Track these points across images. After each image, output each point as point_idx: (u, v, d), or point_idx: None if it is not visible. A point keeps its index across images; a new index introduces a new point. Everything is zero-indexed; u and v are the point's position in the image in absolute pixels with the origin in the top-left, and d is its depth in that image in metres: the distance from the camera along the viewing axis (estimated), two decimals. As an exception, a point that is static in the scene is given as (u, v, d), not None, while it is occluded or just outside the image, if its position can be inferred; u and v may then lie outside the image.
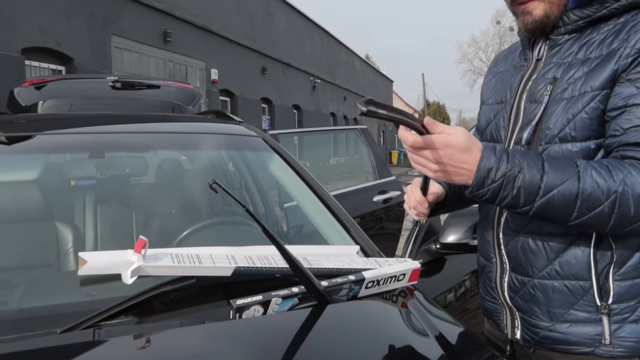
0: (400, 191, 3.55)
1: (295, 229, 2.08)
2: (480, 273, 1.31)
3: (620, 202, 0.92)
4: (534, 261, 1.10)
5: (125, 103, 2.31)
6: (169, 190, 1.99)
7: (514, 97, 1.16)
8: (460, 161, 0.98)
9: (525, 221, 1.10)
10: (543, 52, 1.13)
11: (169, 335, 0.96)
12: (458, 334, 1.12)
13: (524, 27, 1.12)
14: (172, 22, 11.11)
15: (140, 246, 0.99)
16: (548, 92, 1.07)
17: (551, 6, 1.07)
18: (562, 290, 1.07)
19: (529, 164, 0.96)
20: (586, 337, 1.06)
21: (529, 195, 0.96)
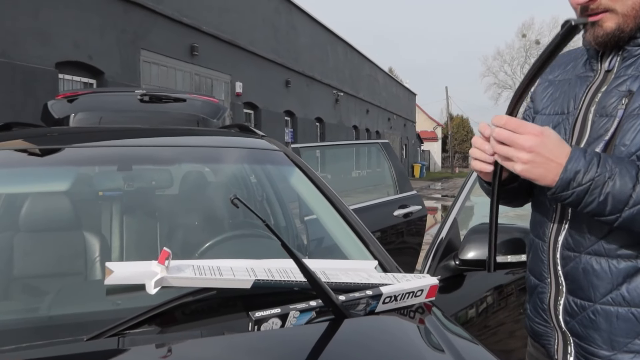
0: (421, 205, 3.54)
1: (315, 242, 2.10)
2: (529, 293, 1.24)
3: None
4: (597, 285, 1.03)
5: (152, 116, 2.39)
6: (193, 203, 2.04)
7: (578, 108, 1.09)
8: (553, 153, 0.94)
9: (590, 241, 1.04)
10: (615, 63, 1.06)
11: (190, 345, 0.99)
12: (476, 353, 1.11)
13: (594, 40, 1.04)
14: (199, 36, 11.35)
15: (163, 258, 1.03)
16: (623, 106, 1.00)
17: (625, 19, 1.01)
18: (629, 318, 1.01)
19: (621, 170, 0.92)
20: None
21: (618, 203, 0.92)
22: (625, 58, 1.05)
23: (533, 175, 0.97)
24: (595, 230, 1.03)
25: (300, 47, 16.93)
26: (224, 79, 12.63)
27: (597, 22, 1.03)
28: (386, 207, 3.43)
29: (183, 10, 10.76)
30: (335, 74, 20.28)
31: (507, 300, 1.90)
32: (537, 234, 1.19)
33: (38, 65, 7.41)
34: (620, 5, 1.00)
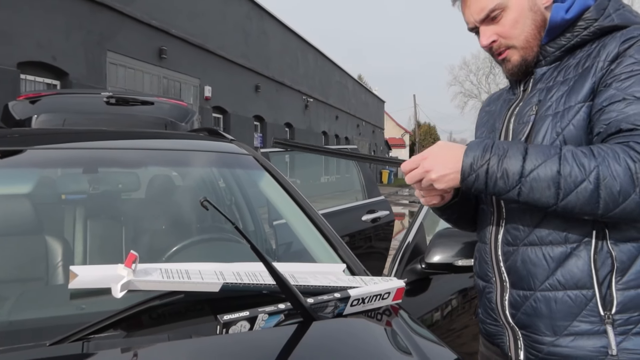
0: (388, 211, 3.58)
1: (284, 246, 2.10)
2: (479, 296, 1.31)
3: (603, 175, 0.95)
4: (535, 273, 1.12)
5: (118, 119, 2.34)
6: (159, 206, 2.01)
7: (502, 123, 1.25)
8: (447, 158, 1.09)
9: (525, 233, 1.14)
10: (529, 84, 1.22)
11: (157, 349, 0.98)
12: (441, 354, 1.14)
13: (508, 72, 1.23)
14: (167, 39, 11.21)
15: (130, 261, 1.02)
16: (534, 112, 1.15)
17: (525, 51, 1.18)
18: (565, 301, 1.08)
19: (511, 147, 1.05)
20: (591, 350, 1.06)
21: (514, 175, 1.02)
22: (535, 78, 1.21)
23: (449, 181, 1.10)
24: (528, 222, 1.13)
25: (270, 53, 16.91)
26: (193, 82, 12.49)
27: (505, 58, 1.21)
28: (354, 212, 3.45)
29: (152, 12, 10.61)
30: (305, 80, 20.33)
31: (471, 304, 1.95)
32: (481, 238, 1.29)
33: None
34: (517, 41, 1.17)
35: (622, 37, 1.07)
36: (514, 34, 1.17)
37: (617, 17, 1.11)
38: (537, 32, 1.16)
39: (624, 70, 1.04)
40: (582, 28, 1.13)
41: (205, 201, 1.03)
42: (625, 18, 1.11)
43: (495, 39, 1.18)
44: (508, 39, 1.18)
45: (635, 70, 1.03)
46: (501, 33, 1.17)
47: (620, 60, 1.05)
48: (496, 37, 1.18)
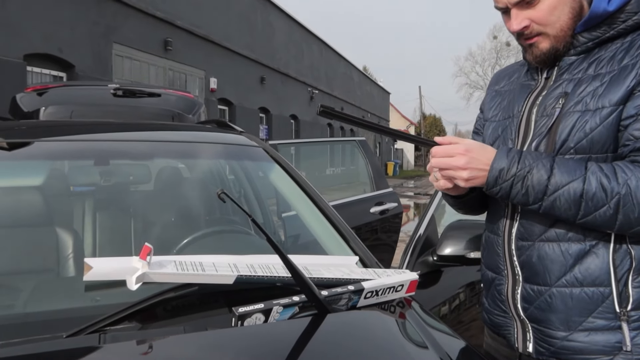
0: (397, 203, 3.57)
1: (292, 238, 2.10)
2: (486, 287, 1.30)
3: (624, 202, 0.98)
4: (552, 269, 1.11)
5: (126, 111, 2.34)
6: (169, 198, 2.01)
7: (522, 111, 1.20)
8: (482, 162, 1.08)
9: (542, 229, 1.12)
10: (552, 72, 1.17)
11: (172, 342, 0.98)
12: (456, 347, 1.13)
13: (534, 59, 1.17)
14: (173, 31, 11.19)
15: (145, 253, 1.01)
16: (560, 105, 1.11)
17: (557, 39, 1.13)
18: (582, 298, 1.08)
19: (537, 165, 1.04)
20: (605, 345, 1.07)
21: (538, 193, 1.04)
22: (560, 67, 1.16)
23: (476, 184, 1.11)
24: (545, 219, 1.11)
25: (275, 44, 16.85)
26: (198, 74, 12.48)
27: (534, 44, 1.15)
28: (363, 204, 3.45)
29: (157, 3, 10.58)
30: (310, 72, 20.26)
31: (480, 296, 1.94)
32: (492, 230, 1.27)
33: (5, 57, 7.19)
34: (551, 29, 1.12)
35: None
36: (549, 20, 1.11)
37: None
38: (572, 21, 1.11)
39: None
40: (620, 21, 1.09)
41: (222, 193, 1.02)
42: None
43: (528, 24, 1.12)
44: (542, 25, 1.12)
45: None
46: (536, 19, 1.11)
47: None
48: (529, 22, 1.12)
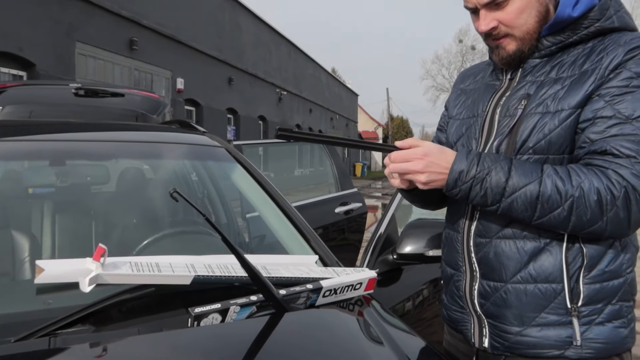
0: (361, 203, 3.60)
1: (257, 239, 2.09)
2: (445, 283, 1.33)
3: (577, 205, 1.02)
4: (507, 265, 1.14)
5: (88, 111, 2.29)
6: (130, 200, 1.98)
7: (486, 111, 1.23)
8: (440, 165, 1.10)
9: (500, 227, 1.15)
10: (516, 73, 1.20)
11: (127, 343, 0.97)
12: (414, 344, 1.16)
13: (500, 60, 1.20)
14: (138, 30, 10.99)
15: (99, 254, 1.00)
16: (522, 106, 1.14)
17: (524, 42, 1.16)
18: (535, 294, 1.11)
19: (496, 167, 1.07)
20: (557, 340, 1.10)
21: (496, 195, 1.07)
22: (524, 69, 1.20)
23: (435, 186, 1.13)
24: (503, 216, 1.14)
25: (243, 45, 16.75)
26: (165, 74, 12.29)
27: (501, 45, 1.18)
28: (328, 204, 3.46)
29: (122, 2, 10.37)
30: (278, 73, 20.22)
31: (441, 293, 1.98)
32: (452, 227, 1.30)
33: (-40, 55, 6.93)
34: (518, 31, 1.15)
35: (626, 46, 1.07)
36: (517, 23, 1.13)
37: (617, 19, 1.12)
38: (538, 24, 1.14)
39: (620, 84, 1.05)
40: (584, 27, 1.12)
41: (175, 192, 1.02)
42: (624, 21, 1.13)
43: (496, 25, 1.15)
44: (510, 27, 1.14)
45: (631, 87, 1.04)
46: (504, 20, 1.14)
47: (619, 72, 1.05)
48: (497, 24, 1.14)
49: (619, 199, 1.01)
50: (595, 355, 1.10)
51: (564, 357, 1.11)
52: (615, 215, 1.02)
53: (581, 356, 1.10)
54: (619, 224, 1.03)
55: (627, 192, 1.01)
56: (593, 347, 1.10)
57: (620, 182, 1.01)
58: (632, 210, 1.01)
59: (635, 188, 1.01)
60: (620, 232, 1.05)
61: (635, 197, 1.01)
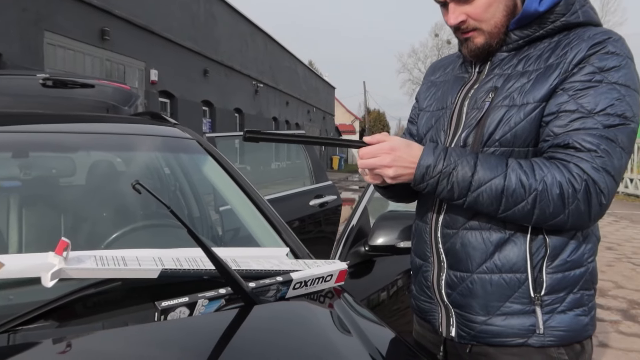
0: (336, 195, 3.61)
1: (231, 232, 2.07)
2: (414, 273, 1.34)
3: (540, 198, 1.04)
4: (473, 256, 1.16)
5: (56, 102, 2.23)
6: (100, 193, 1.94)
7: (455, 103, 1.24)
8: (407, 159, 1.11)
9: (466, 218, 1.17)
10: (484, 66, 1.22)
11: (90, 339, 0.95)
12: (383, 336, 1.16)
13: (469, 53, 1.21)
14: (110, 20, 10.75)
15: (61, 248, 0.97)
16: (489, 99, 1.15)
17: (491, 36, 1.17)
18: (500, 284, 1.13)
19: (462, 162, 1.09)
20: (520, 329, 1.12)
21: (462, 189, 1.09)
22: (493, 62, 1.21)
23: (403, 180, 1.14)
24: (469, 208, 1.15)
25: (219, 36, 16.55)
26: (138, 65, 12.07)
27: (470, 38, 1.20)
28: (302, 197, 3.46)
29: (92, -9, 10.14)
30: (254, 65, 20.06)
31: (412, 284, 2.00)
32: (420, 218, 1.31)
33: None
34: (486, 25, 1.17)
35: (590, 40, 1.08)
36: (484, 17, 1.15)
37: (582, 14, 1.14)
38: (506, 19, 1.16)
39: (583, 78, 1.06)
40: (550, 22, 1.14)
41: (137, 184, 1.00)
42: (589, 16, 1.15)
43: (464, 19, 1.16)
44: (478, 21, 1.16)
45: (593, 81, 1.06)
46: (472, 14, 1.15)
47: (582, 66, 1.07)
48: (465, 17, 1.16)
49: (580, 192, 1.03)
50: (557, 343, 1.13)
51: (527, 345, 1.13)
52: (577, 208, 1.04)
53: (544, 344, 1.12)
54: (580, 216, 1.05)
55: (587, 185, 1.03)
56: (555, 334, 1.12)
57: (582, 176, 1.03)
58: (592, 203, 1.04)
59: (596, 182, 1.03)
60: (581, 224, 1.08)
61: (595, 190, 1.03)
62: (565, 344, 1.13)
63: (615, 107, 1.04)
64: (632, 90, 1.07)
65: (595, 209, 1.05)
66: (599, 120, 1.04)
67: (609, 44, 1.08)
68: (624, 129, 1.05)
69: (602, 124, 1.04)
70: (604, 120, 1.04)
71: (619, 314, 4.43)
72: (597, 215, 1.07)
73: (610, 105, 1.04)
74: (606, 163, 1.03)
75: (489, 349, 1.17)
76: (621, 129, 1.04)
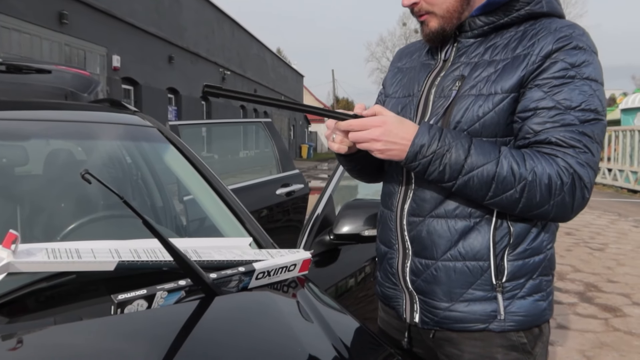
0: (303, 184, 3.59)
1: (196, 222, 2.04)
2: (379, 260, 1.35)
3: (529, 188, 1.05)
4: (438, 243, 1.16)
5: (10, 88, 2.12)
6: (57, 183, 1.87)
7: (421, 91, 1.23)
8: (398, 135, 1.09)
9: (433, 206, 1.17)
10: (450, 53, 1.22)
11: (42, 335, 0.91)
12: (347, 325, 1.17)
13: (425, 37, 1.22)
14: (69, 3, 10.36)
15: (9, 241, 0.93)
16: (456, 87, 1.15)
17: (445, 20, 1.17)
18: (463, 271, 1.15)
19: (457, 144, 1.08)
20: (482, 314, 1.15)
21: (454, 172, 1.08)
22: (459, 49, 1.21)
23: (390, 156, 1.11)
24: (435, 196, 1.17)
25: (184, 22, 16.19)
26: (99, 51, 11.70)
27: (424, 22, 1.20)
28: (269, 185, 3.43)
29: (49, -28, 9.75)
30: (222, 52, 19.75)
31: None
32: (386, 205, 1.31)
33: None
34: (438, 9, 1.17)
35: (556, 33, 1.09)
36: (435, 1, 1.15)
37: (546, 4, 1.15)
38: (459, 3, 1.16)
39: (557, 74, 1.07)
40: (515, 10, 1.14)
41: (86, 174, 0.96)
42: (552, 7, 1.16)
43: (417, 1, 1.16)
44: (429, 4, 1.16)
45: (567, 77, 1.07)
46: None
47: (553, 62, 1.08)
48: (418, 0, 1.16)
49: (567, 185, 1.05)
50: (517, 327, 1.15)
51: (488, 330, 1.15)
52: (562, 200, 1.06)
53: (504, 329, 1.15)
54: (564, 208, 1.07)
55: (574, 179, 1.05)
56: (515, 319, 1.15)
57: (569, 170, 1.05)
58: (576, 196, 1.06)
59: (581, 176, 1.05)
60: (563, 216, 1.10)
61: (580, 184, 1.06)
62: (525, 328, 1.16)
63: (589, 102, 1.07)
64: (599, 84, 1.10)
65: (578, 202, 1.08)
66: (576, 117, 1.06)
67: (575, 38, 1.09)
68: (598, 124, 1.07)
69: (579, 119, 1.06)
70: (580, 116, 1.06)
71: (576, 297, 4.59)
72: (578, 208, 1.09)
73: (584, 101, 1.07)
74: (589, 158, 1.06)
75: (452, 334, 1.19)
76: (595, 124, 1.07)
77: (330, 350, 0.99)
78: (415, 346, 1.31)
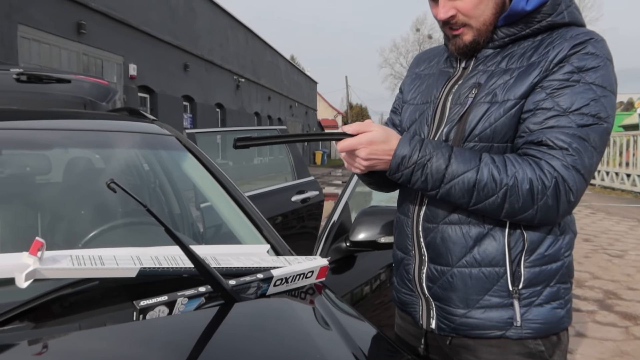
0: (318, 191, 3.60)
1: (212, 229, 2.06)
2: (396, 266, 1.36)
3: (510, 193, 1.06)
4: (453, 250, 1.17)
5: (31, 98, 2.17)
6: (77, 191, 1.91)
7: (439, 98, 1.25)
8: (385, 150, 1.12)
9: (446, 212, 1.18)
10: (470, 62, 1.23)
11: (67, 340, 0.94)
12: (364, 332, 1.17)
13: (456, 50, 1.22)
14: (86, 13, 10.55)
15: (36, 248, 0.96)
16: (472, 95, 1.17)
17: (480, 32, 1.18)
18: (479, 277, 1.15)
19: (437, 154, 1.10)
20: (499, 321, 1.14)
21: (436, 181, 1.10)
22: (477, 58, 1.23)
23: (377, 168, 1.16)
24: (449, 202, 1.17)
25: (199, 30, 16.38)
26: (116, 60, 11.89)
27: (459, 35, 1.20)
28: (284, 192, 3.45)
29: (68, -16, 9.93)
30: (236, 60, 19.91)
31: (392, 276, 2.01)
32: (402, 212, 1.32)
33: None
34: (475, 22, 1.17)
35: (572, 40, 1.10)
36: (474, 13, 1.15)
37: (567, 14, 1.15)
38: (495, 17, 1.16)
39: (561, 77, 1.08)
40: (536, 21, 1.15)
41: (112, 183, 0.98)
42: (574, 17, 1.16)
43: (454, 14, 1.17)
44: (467, 17, 1.16)
45: (571, 80, 1.07)
46: (462, 10, 1.15)
47: (562, 65, 1.09)
48: (455, 12, 1.16)
49: (550, 188, 1.05)
50: (534, 335, 1.15)
51: (506, 337, 1.15)
52: (545, 204, 1.06)
53: (521, 336, 1.14)
54: (549, 211, 1.07)
55: (557, 182, 1.05)
56: (532, 327, 1.14)
57: (552, 173, 1.05)
58: (560, 199, 1.06)
59: (565, 179, 1.05)
60: (550, 220, 1.10)
61: (565, 187, 1.05)
62: (542, 336, 1.15)
63: (590, 107, 1.07)
64: (608, 91, 1.09)
65: (563, 206, 1.07)
66: (573, 119, 1.06)
67: (590, 44, 1.10)
68: (597, 129, 1.07)
69: (576, 122, 1.06)
70: (578, 120, 1.06)
71: (595, 304, 4.52)
72: (565, 212, 1.09)
73: (585, 105, 1.06)
74: (576, 161, 1.05)
75: (469, 341, 1.19)
76: (594, 128, 1.06)
77: (349, 356, 1.00)
78: (432, 353, 1.31)
